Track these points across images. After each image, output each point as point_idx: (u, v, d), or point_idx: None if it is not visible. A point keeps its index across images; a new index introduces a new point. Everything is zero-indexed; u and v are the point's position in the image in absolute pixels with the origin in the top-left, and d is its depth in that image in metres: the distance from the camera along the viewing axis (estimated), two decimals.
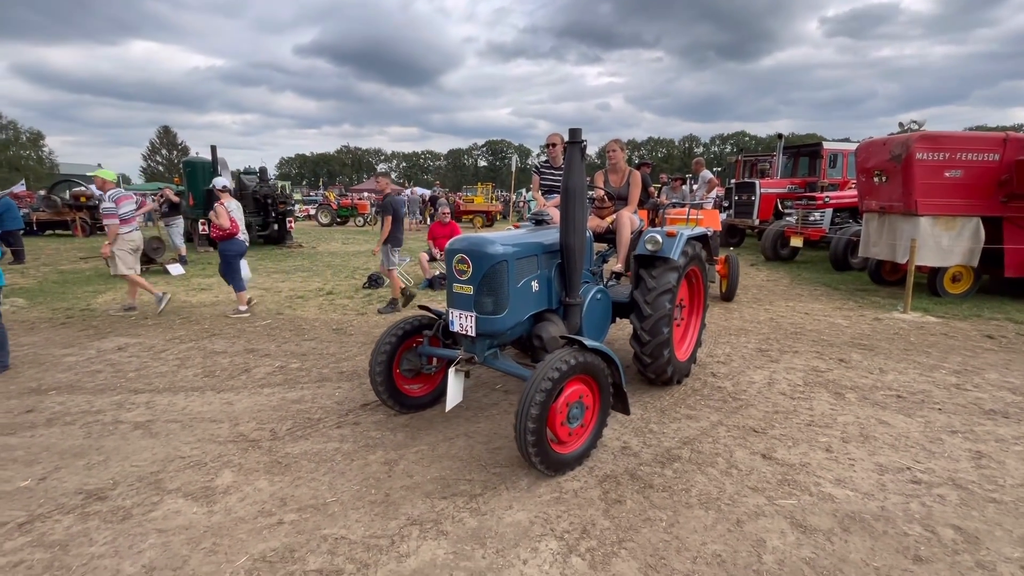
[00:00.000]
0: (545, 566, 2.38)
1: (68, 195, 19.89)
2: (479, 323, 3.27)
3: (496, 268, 3.22)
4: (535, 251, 3.54)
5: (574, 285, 3.64)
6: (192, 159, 15.69)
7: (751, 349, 5.67)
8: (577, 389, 3.04)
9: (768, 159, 16.70)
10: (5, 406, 4.14)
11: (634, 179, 4.82)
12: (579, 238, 3.50)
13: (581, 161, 3.42)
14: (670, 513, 2.77)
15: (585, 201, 3.47)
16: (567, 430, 3.04)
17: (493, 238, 3.34)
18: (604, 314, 4.15)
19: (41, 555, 2.44)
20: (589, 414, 3.18)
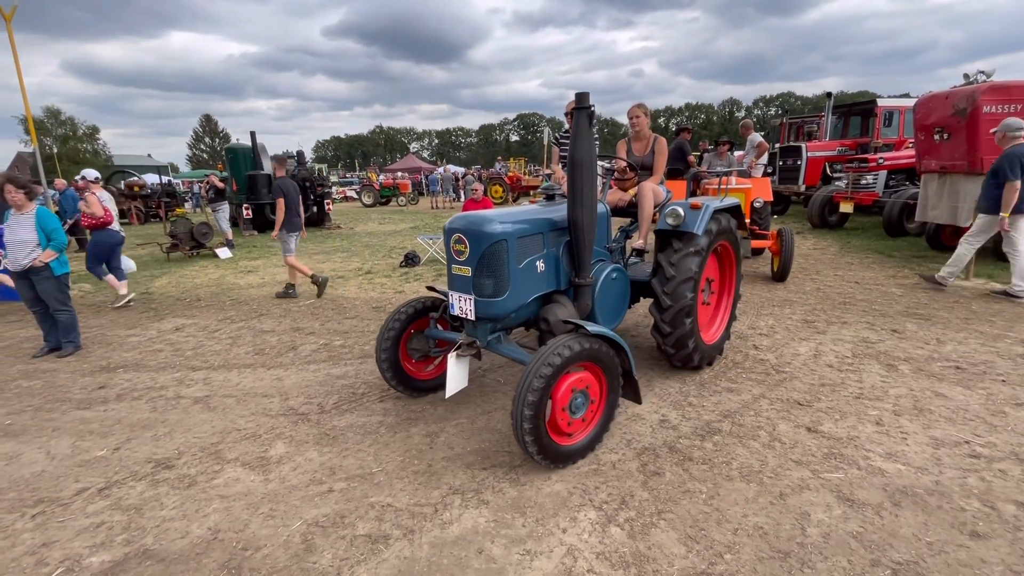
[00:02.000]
0: (584, 535, 2.42)
1: (123, 185, 20.96)
2: (478, 306, 3.11)
3: (494, 248, 3.02)
4: (540, 228, 3.31)
5: (584, 264, 3.38)
6: (233, 146, 16.18)
7: (796, 321, 5.47)
8: (580, 377, 2.86)
9: (816, 120, 15.74)
10: (80, 383, 4.49)
11: (659, 147, 4.46)
12: (588, 213, 3.23)
13: (589, 128, 3.15)
14: (710, 486, 2.75)
15: (594, 172, 3.21)
16: (568, 420, 2.87)
17: (492, 216, 3.15)
18: (621, 295, 3.85)
19: (119, 517, 2.67)
20: (594, 405, 3.00)
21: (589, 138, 3.16)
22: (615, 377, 3.02)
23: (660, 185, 4.44)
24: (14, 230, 4.95)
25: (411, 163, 45.05)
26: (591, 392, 2.93)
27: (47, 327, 5.28)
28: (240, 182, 15.10)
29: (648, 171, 4.50)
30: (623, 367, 3.06)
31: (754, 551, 2.28)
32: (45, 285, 5.11)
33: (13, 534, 2.57)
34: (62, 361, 5.06)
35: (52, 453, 3.33)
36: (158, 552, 2.41)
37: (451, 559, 2.30)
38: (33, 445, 3.45)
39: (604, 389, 3.03)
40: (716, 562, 2.23)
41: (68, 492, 2.90)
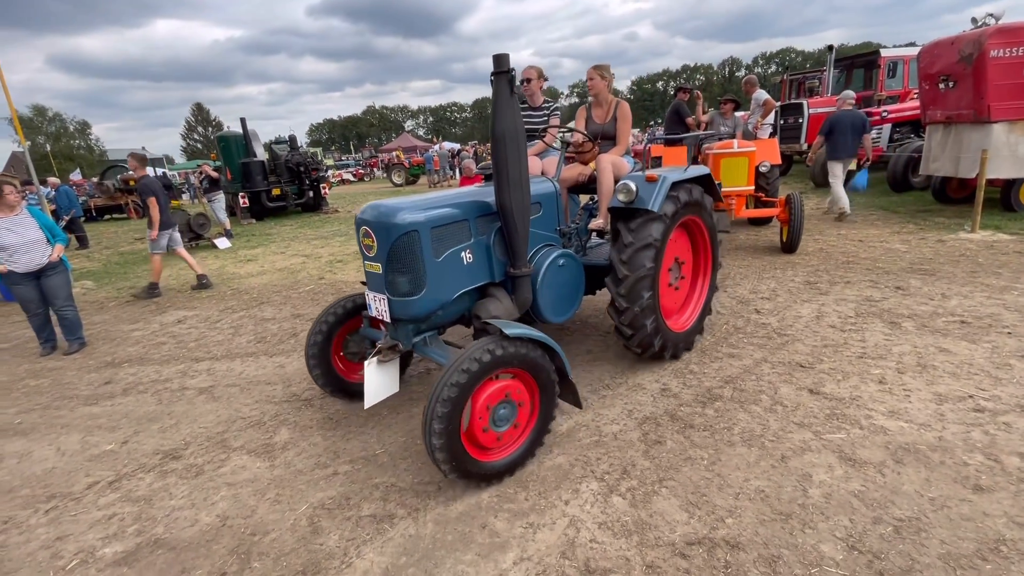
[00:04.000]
0: (586, 506, 2.44)
1: (119, 180, 20.85)
2: (393, 306, 2.81)
3: (404, 241, 2.69)
4: (464, 215, 2.95)
5: (517, 253, 2.99)
6: (225, 134, 15.98)
7: (799, 283, 5.41)
8: (504, 386, 2.53)
9: (817, 75, 15.31)
10: (86, 379, 4.53)
11: (621, 112, 3.96)
12: (517, 195, 2.83)
13: (511, 96, 2.73)
14: (711, 452, 2.76)
15: (521, 147, 2.77)
16: (493, 435, 2.56)
17: (402, 205, 2.79)
18: (572, 283, 3.46)
19: (130, 508, 2.72)
20: (524, 413, 2.67)
21: (511, 108, 2.74)
22: (548, 382, 2.67)
23: (626, 156, 4.05)
24: (18, 232, 4.87)
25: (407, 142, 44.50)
26: (518, 399, 2.61)
27: (44, 329, 5.26)
28: (234, 171, 14.96)
29: (610, 141, 4.05)
30: (557, 370, 2.72)
31: (756, 514, 2.29)
32: (58, 280, 5.13)
33: (28, 529, 2.63)
34: (68, 359, 5.10)
35: (62, 449, 3.38)
36: (169, 541, 2.45)
37: (455, 535, 2.33)
38: (43, 442, 3.50)
39: (536, 396, 2.70)
40: (718, 526, 2.24)
41: (79, 487, 2.95)
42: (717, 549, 2.12)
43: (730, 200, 6.39)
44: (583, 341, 4.38)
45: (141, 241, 12.65)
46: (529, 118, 4.36)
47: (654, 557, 2.12)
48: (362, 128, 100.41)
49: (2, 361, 5.21)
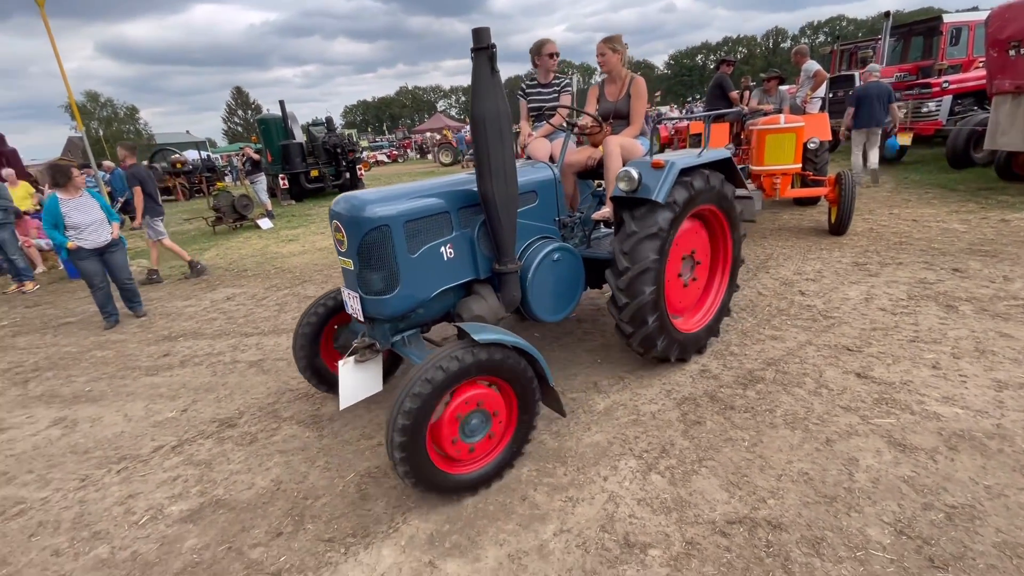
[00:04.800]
0: (625, 482, 2.47)
1: (167, 163, 21.71)
2: (365, 305, 2.64)
3: (373, 237, 2.50)
4: (444, 207, 2.71)
5: (502, 248, 2.76)
6: (265, 117, 16.35)
7: (846, 263, 5.21)
8: (477, 395, 2.35)
9: (871, 45, 14.40)
10: (147, 352, 4.83)
11: (636, 89, 3.63)
12: (501, 184, 2.58)
13: (493, 74, 2.48)
14: (753, 433, 2.73)
15: (505, 131, 2.52)
16: (464, 447, 2.38)
17: (374, 196, 2.59)
18: (569, 280, 3.21)
19: (192, 471, 2.92)
20: (499, 424, 2.48)
21: (493, 87, 2.48)
22: (527, 391, 2.48)
23: (641, 138, 3.69)
24: (85, 212, 5.25)
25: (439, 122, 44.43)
26: (493, 410, 2.43)
27: (108, 304, 5.61)
28: (274, 153, 15.34)
29: (624, 120, 3.74)
30: (538, 377, 2.53)
31: (799, 496, 2.27)
32: (119, 256, 5.58)
33: (103, 487, 2.85)
34: (129, 332, 5.43)
35: (128, 415, 3.63)
36: (229, 502, 2.63)
37: (496, 505, 2.41)
38: (111, 409, 3.77)
39: (513, 405, 2.52)
40: (759, 507, 2.23)
41: (146, 450, 3.18)
42: (758, 529, 2.12)
43: (774, 179, 6.16)
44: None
45: (189, 222, 13.20)
46: (538, 96, 4.18)
47: (694, 534, 2.13)
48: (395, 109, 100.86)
49: (70, 333, 5.60)
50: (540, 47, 4.04)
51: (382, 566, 2.14)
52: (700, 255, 3.52)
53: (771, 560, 1.97)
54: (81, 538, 2.48)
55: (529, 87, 4.25)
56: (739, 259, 3.76)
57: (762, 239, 6.43)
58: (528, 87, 4.25)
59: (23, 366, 4.79)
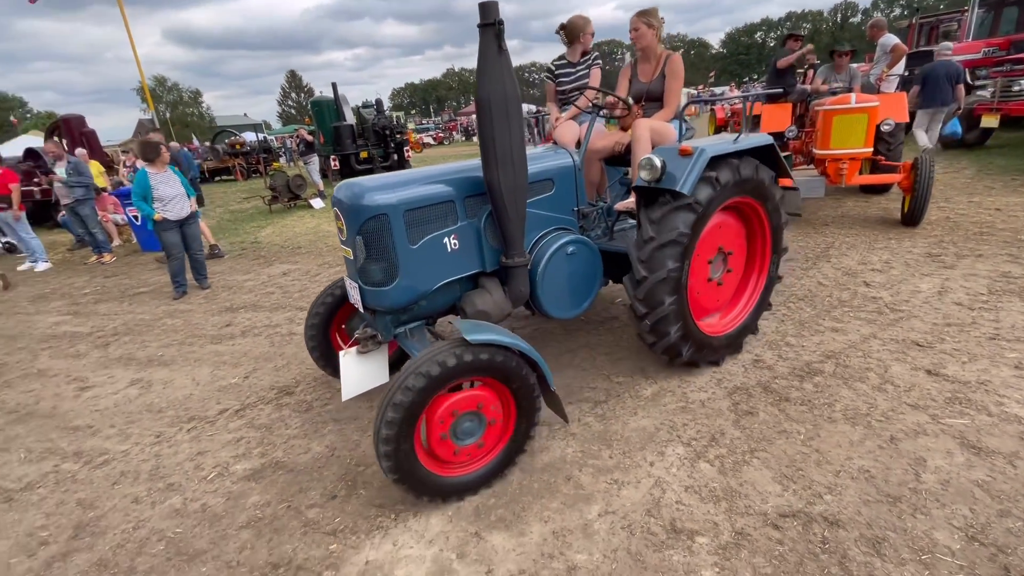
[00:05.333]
0: (672, 469, 2.44)
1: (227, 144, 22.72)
2: (365, 296, 2.56)
3: (372, 225, 2.40)
4: (448, 196, 2.58)
5: (509, 240, 2.61)
6: (318, 99, 16.77)
7: (918, 254, 4.87)
8: (471, 396, 2.25)
9: (955, 17, 13.19)
10: (211, 321, 5.13)
11: (671, 68, 3.34)
12: (508, 172, 2.41)
13: (500, 52, 2.29)
14: (809, 427, 2.63)
15: (512, 114, 2.35)
16: (452, 448, 2.29)
17: (374, 183, 2.49)
18: (584, 274, 3.02)
19: (254, 434, 3.10)
20: (494, 429, 2.37)
21: (500, 67, 2.31)
22: (527, 395, 2.34)
23: (675, 122, 3.34)
24: (170, 186, 5.69)
25: None
26: (489, 414, 2.32)
27: (180, 274, 6.01)
28: (326, 134, 15.75)
29: (657, 102, 3.48)
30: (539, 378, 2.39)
31: (858, 493, 2.17)
32: (195, 228, 6.05)
33: (175, 444, 3.08)
34: (195, 303, 5.78)
35: (196, 380, 3.88)
36: (287, 464, 2.78)
37: (541, 484, 2.43)
38: (181, 373, 4.04)
39: (509, 409, 2.40)
40: (815, 502, 2.16)
41: (212, 412, 3.39)
42: (814, 524, 2.05)
43: (840, 164, 5.76)
44: None
45: (248, 200, 13.82)
46: (567, 76, 3.97)
47: (744, 524, 2.09)
48: (441, 91, 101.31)
49: (143, 302, 6.02)
50: (576, 25, 3.79)
51: (430, 533, 2.21)
52: (732, 245, 3.22)
53: (827, 557, 1.91)
54: (157, 488, 2.69)
55: (558, 67, 4.02)
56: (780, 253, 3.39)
57: (823, 227, 6.09)
58: (557, 67, 4.03)
59: (104, 330, 5.20)
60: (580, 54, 3.91)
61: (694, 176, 2.71)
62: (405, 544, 2.17)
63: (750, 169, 2.98)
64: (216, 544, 2.27)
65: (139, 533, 2.39)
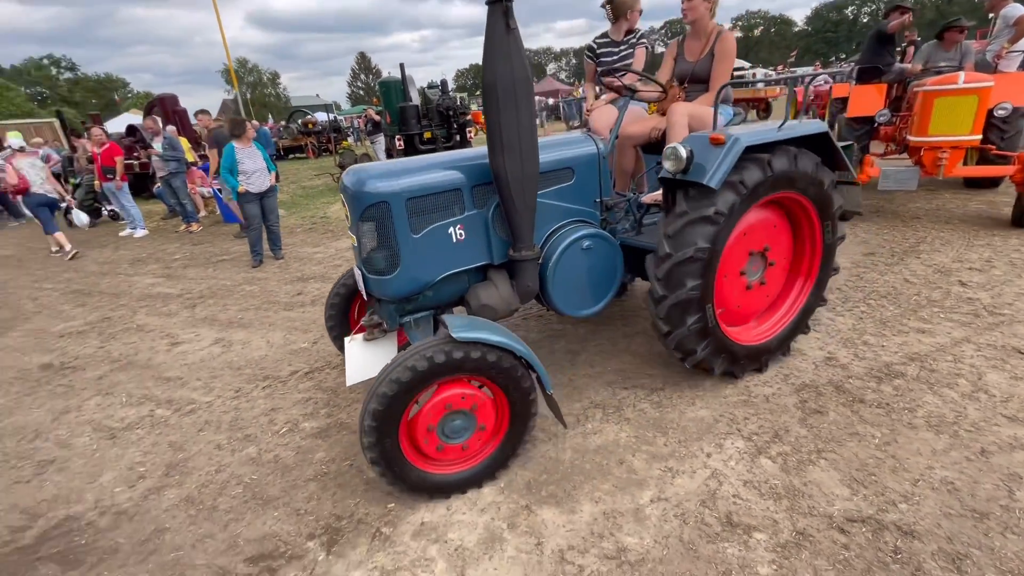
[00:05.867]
0: (731, 462, 2.36)
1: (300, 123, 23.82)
2: (368, 284, 2.51)
3: (372, 213, 2.33)
4: (455, 184, 2.46)
5: (517, 232, 2.46)
6: (386, 79, 17.13)
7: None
8: (460, 395, 2.18)
9: None
10: (284, 290, 5.46)
11: (721, 47, 3.04)
12: (515, 161, 2.26)
13: (508, 32, 2.13)
14: (886, 431, 2.46)
15: (521, 100, 2.20)
16: (436, 444, 2.22)
17: (379, 169, 2.41)
18: (601, 271, 2.82)
19: (321, 395, 3.29)
20: (483, 435, 2.30)
21: (508, 47, 2.14)
22: (518, 394, 2.25)
23: (723, 106, 3.05)
24: (254, 161, 6.13)
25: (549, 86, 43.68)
26: (479, 415, 2.25)
27: (258, 244, 6.44)
28: (393, 115, 16.13)
29: (703, 85, 3.17)
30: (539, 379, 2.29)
31: (938, 505, 2.02)
32: (273, 201, 6.47)
33: (252, 399, 3.33)
34: (271, 271, 6.18)
35: (271, 342, 4.17)
36: (350, 425, 2.94)
37: (593, 465, 2.44)
38: (257, 335, 4.35)
39: (504, 411, 2.32)
40: (888, 509, 2.03)
41: (284, 373, 3.64)
42: (885, 532, 1.93)
43: (939, 153, 5.13)
44: None
45: (319, 177, 14.48)
46: (608, 55, 3.74)
47: (806, 525, 2.00)
48: None
49: (225, 269, 6.50)
50: (623, 1, 3.52)
51: (483, 502, 2.28)
52: (776, 254, 2.91)
53: (898, 567, 1.80)
54: (236, 438, 2.93)
55: (600, 45, 3.79)
56: (832, 265, 3.05)
57: (912, 220, 5.59)
58: (599, 45, 3.80)
59: (191, 293, 5.67)
60: (625, 32, 3.69)
61: (724, 168, 2.43)
62: (458, 510, 2.25)
63: (804, 160, 2.68)
64: (287, 492, 2.45)
65: (221, 476, 2.63)
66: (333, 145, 18.77)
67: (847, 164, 3.02)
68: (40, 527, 2.41)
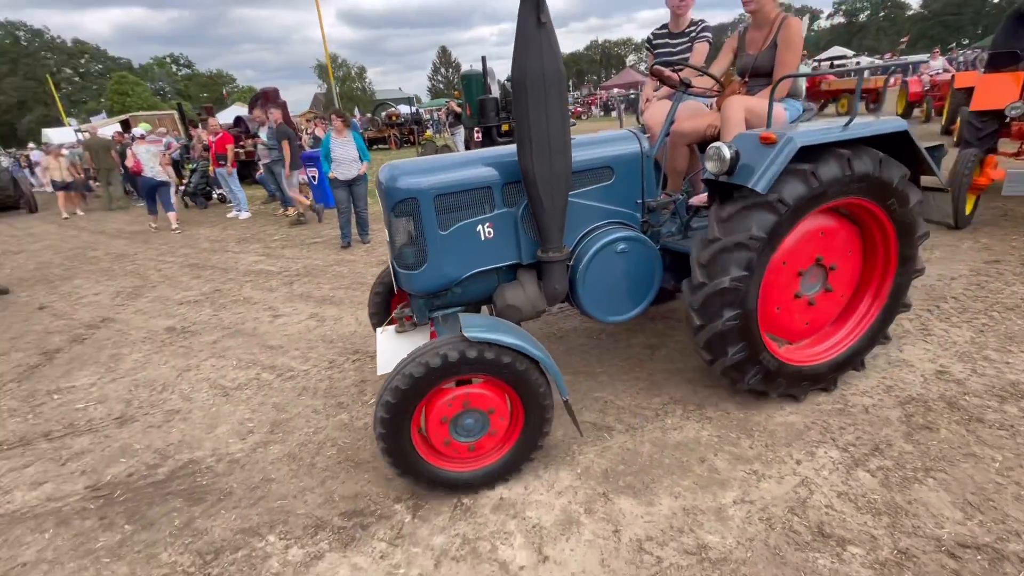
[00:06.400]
0: (824, 472, 2.24)
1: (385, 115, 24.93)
2: (398, 278, 2.55)
3: (401, 209, 2.35)
4: (485, 181, 2.43)
5: (545, 232, 2.40)
6: (468, 73, 17.46)
7: None
8: (475, 394, 2.16)
9: None
10: (370, 272, 5.79)
11: (785, 35, 2.80)
12: (544, 159, 2.19)
13: (539, 25, 2.05)
14: (1009, 455, 2.22)
15: (552, 97, 2.13)
16: (448, 441, 2.21)
17: (411, 166, 2.44)
18: (637, 276, 2.67)
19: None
20: (496, 434, 2.25)
21: (540, 41, 2.06)
22: (532, 397, 2.21)
23: (788, 101, 2.86)
24: (345, 151, 6.56)
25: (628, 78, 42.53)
26: (494, 417, 2.20)
27: (346, 227, 6.87)
28: (473, 108, 16.46)
29: (765, 78, 2.92)
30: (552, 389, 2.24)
31: None
32: (362, 189, 6.88)
33: (344, 371, 3.59)
34: (359, 253, 6.58)
35: (359, 320, 4.45)
36: None
37: (672, 460, 2.41)
38: (348, 312, 4.66)
39: (517, 410, 2.28)
40: (1008, 539, 1.84)
41: (372, 349, 3.87)
42: (1004, 563, 1.76)
43: None
44: None
45: None
46: (666, 48, 3.56)
47: (910, 545, 1.86)
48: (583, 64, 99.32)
49: (318, 250, 6.99)
50: None
51: (560, 485, 2.32)
52: (835, 258, 2.62)
53: None
54: (330, 404, 3.18)
55: (657, 37, 3.63)
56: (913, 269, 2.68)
57: None
58: (656, 36, 3.64)
59: (289, 271, 6.17)
60: (686, 24, 3.49)
61: (774, 170, 2.22)
62: (536, 490, 2.31)
63: (867, 163, 2.38)
64: (376, 458, 2.63)
65: (318, 437, 2.87)
66: (415, 136, 19.46)
67: (933, 167, 2.67)
68: (169, 467, 2.76)
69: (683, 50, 3.48)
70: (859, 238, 2.69)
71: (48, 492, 2.65)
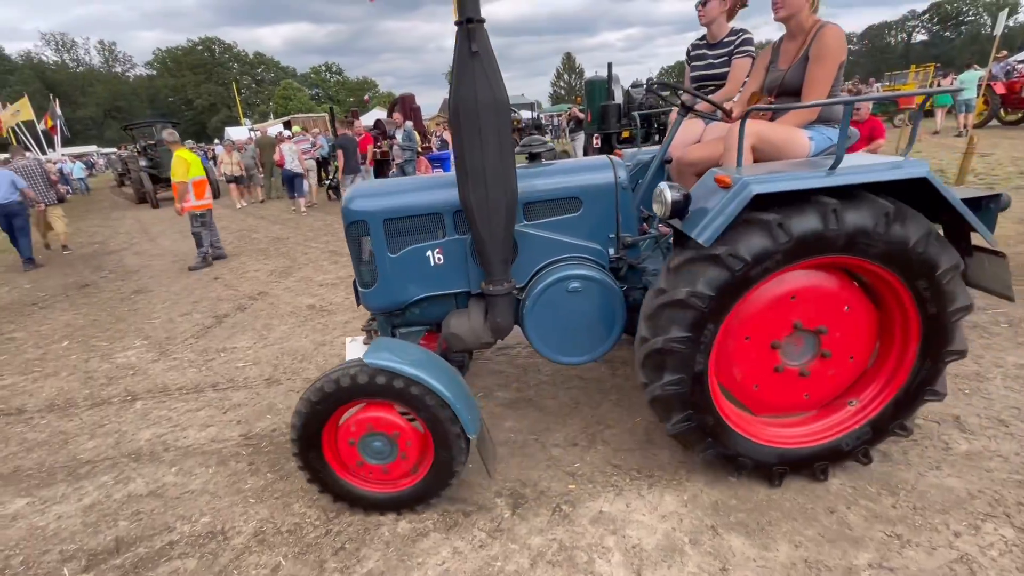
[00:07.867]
0: (991, 552, 1.89)
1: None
2: (356, 293, 2.64)
3: (353, 230, 2.43)
4: (435, 208, 2.40)
5: (488, 265, 2.28)
6: (592, 79, 17.46)
7: None
8: (383, 418, 2.16)
9: None
10: None
11: (818, 47, 2.37)
12: (480, 190, 2.09)
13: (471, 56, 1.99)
14: None
15: (486, 127, 2.03)
16: (356, 459, 2.23)
17: (367, 190, 2.51)
18: (593, 317, 2.43)
19: (512, 370, 3.57)
20: (405, 459, 2.22)
21: (473, 71, 1.99)
22: (438, 427, 2.14)
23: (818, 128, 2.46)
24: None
25: None
26: (402, 443, 2.19)
27: None
28: (595, 113, 16.38)
29: (794, 97, 2.51)
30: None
31: None
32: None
33: None
34: None
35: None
36: (537, 403, 3.14)
37: (794, 505, 2.19)
38: None
39: (428, 444, 2.23)
40: None
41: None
42: None
43: None
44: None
45: None
46: (702, 60, 3.23)
47: None
48: None
49: None
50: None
51: (663, 509, 2.23)
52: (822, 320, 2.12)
53: None
54: None
55: (694, 47, 3.32)
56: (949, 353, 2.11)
57: None
58: (693, 47, 3.34)
59: None
60: (724, 33, 3.13)
61: (720, 220, 1.90)
62: (637, 509, 2.24)
63: (865, 216, 1.90)
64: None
65: None
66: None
67: (975, 222, 2.04)
68: None
69: (723, 63, 3.17)
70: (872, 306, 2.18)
71: (212, 435, 3.14)
